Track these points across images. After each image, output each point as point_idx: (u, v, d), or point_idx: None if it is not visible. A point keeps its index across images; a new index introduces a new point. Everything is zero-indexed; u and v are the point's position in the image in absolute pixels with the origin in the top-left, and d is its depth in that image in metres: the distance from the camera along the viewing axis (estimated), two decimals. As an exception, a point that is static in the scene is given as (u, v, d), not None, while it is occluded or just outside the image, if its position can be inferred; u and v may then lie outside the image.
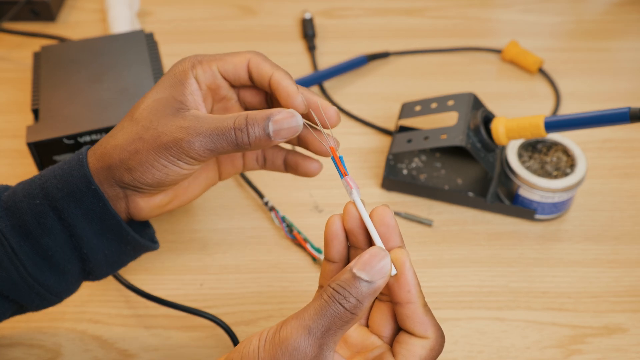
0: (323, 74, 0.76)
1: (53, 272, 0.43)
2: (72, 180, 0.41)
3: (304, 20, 0.86)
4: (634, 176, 0.67)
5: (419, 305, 0.37)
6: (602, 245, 0.61)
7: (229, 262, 0.59)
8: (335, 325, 0.34)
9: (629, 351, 0.53)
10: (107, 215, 0.42)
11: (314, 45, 0.83)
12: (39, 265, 0.42)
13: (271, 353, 0.34)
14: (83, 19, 0.89)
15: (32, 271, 0.42)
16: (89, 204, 0.41)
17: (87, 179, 0.41)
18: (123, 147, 0.41)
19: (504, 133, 0.59)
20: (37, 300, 0.43)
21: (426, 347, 0.36)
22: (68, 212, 0.41)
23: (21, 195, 0.42)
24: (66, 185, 0.41)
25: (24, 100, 0.74)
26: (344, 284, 0.35)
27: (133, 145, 0.41)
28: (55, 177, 0.42)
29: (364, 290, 0.34)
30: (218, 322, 0.51)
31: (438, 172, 0.66)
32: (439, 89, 0.76)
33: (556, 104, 0.76)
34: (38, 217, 0.41)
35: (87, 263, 0.44)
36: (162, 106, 0.41)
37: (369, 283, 0.34)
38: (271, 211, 0.62)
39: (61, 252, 0.42)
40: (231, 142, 0.40)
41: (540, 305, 0.56)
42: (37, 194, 0.42)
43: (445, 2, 0.92)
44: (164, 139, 0.40)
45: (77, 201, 0.41)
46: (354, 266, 0.35)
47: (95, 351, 0.52)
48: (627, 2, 0.92)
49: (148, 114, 0.41)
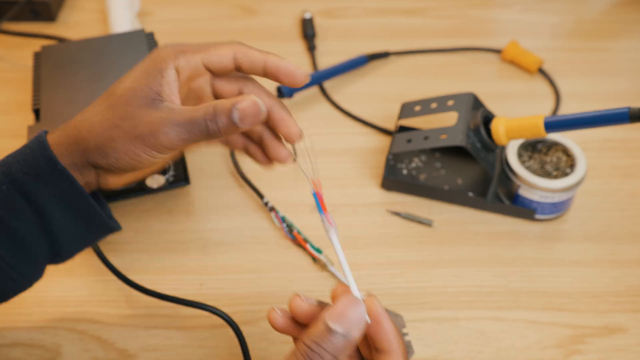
0: (323, 74, 0.76)
1: (24, 255, 0.43)
2: (37, 163, 0.42)
3: (304, 20, 0.86)
4: (634, 176, 0.67)
5: (400, 354, 0.36)
6: (602, 245, 0.61)
7: (229, 262, 0.59)
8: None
9: (629, 351, 0.53)
10: (75, 194, 0.43)
11: (314, 45, 0.83)
12: (9, 248, 0.43)
13: None
14: (83, 19, 0.89)
15: (3, 255, 0.42)
16: (56, 184, 0.42)
17: (53, 160, 0.42)
18: (98, 133, 0.42)
19: (504, 133, 0.59)
20: (9, 284, 0.44)
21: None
22: (36, 193, 0.42)
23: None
24: (32, 169, 0.42)
25: (25, 100, 0.74)
26: (318, 339, 0.34)
27: (109, 132, 0.41)
28: (19, 163, 0.42)
29: (340, 344, 0.33)
30: (222, 315, 0.51)
31: (438, 172, 0.66)
32: (439, 89, 0.75)
33: (556, 104, 0.76)
34: (6, 202, 0.42)
35: (55, 244, 0.44)
36: (138, 96, 0.42)
37: (344, 336, 0.33)
38: (271, 211, 0.62)
39: (30, 234, 0.43)
40: (203, 131, 0.41)
41: (540, 305, 0.56)
42: (2, 180, 0.42)
43: (445, 2, 0.92)
44: (140, 129, 0.41)
45: (45, 182, 0.42)
46: (327, 318, 0.34)
47: (95, 351, 0.52)
48: (627, 2, 0.92)
49: (124, 102, 0.42)
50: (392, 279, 0.58)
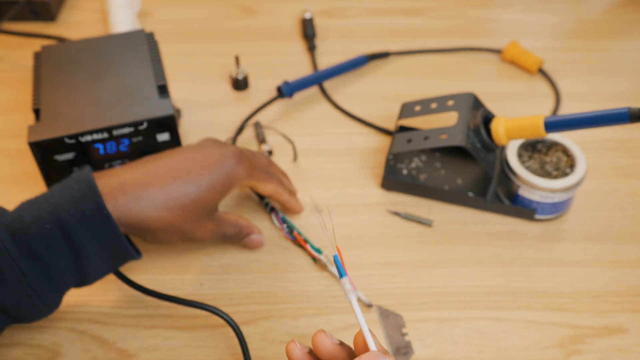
0: (323, 74, 0.76)
1: (53, 287, 0.46)
2: (85, 205, 0.45)
3: (304, 20, 0.86)
4: (634, 176, 0.67)
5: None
6: (602, 245, 0.61)
7: (229, 262, 0.59)
8: None
9: (629, 351, 0.53)
10: (114, 238, 0.46)
11: (314, 45, 0.83)
12: (44, 284, 0.45)
13: None
14: (83, 19, 0.89)
15: (38, 290, 0.45)
16: (99, 228, 0.45)
17: (100, 205, 0.45)
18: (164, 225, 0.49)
19: (504, 133, 0.59)
20: (34, 313, 0.46)
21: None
22: (78, 234, 0.44)
23: (29, 220, 0.44)
24: (78, 211, 0.45)
25: (25, 100, 0.74)
26: None
27: (171, 228, 0.49)
28: (67, 204, 0.45)
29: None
30: (222, 315, 0.51)
31: (438, 172, 0.66)
32: (439, 89, 0.75)
33: (556, 104, 0.76)
34: (47, 240, 0.44)
35: (84, 277, 0.47)
36: (207, 208, 0.51)
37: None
38: (271, 212, 0.62)
39: (65, 272, 0.46)
40: (227, 240, 0.57)
41: (540, 305, 0.56)
42: (47, 219, 0.44)
43: (445, 2, 0.92)
44: (194, 234, 0.52)
45: (89, 225, 0.45)
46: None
47: (95, 351, 0.52)
48: (627, 2, 0.92)
49: (194, 211, 0.50)
50: (392, 279, 0.58)
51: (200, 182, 0.50)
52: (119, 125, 0.56)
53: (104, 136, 0.56)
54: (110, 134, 0.56)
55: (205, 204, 0.50)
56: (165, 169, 0.49)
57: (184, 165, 0.50)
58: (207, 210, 0.51)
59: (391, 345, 0.53)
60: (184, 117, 0.73)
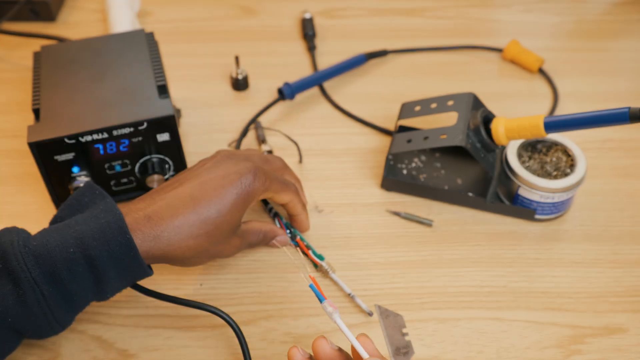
0: (323, 75, 0.76)
1: (71, 310, 0.47)
2: (110, 231, 0.46)
3: (304, 20, 0.85)
4: (634, 176, 0.67)
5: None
6: (602, 246, 0.61)
7: (228, 262, 0.59)
8: None
9: (629, 351, 0.53)
10: (134, 263, 0.47)
11: (314, 46, 0.83)
12: (62, 306, 0.46)
13: None
14: (83, 19, 0.89)
15: (56, 314, 0.45)
16: (120, 253, 0.46)
17: (123, 230, 0.46)
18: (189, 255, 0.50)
19: (504, 133, 0.59)
20: (47, 331, 0.47)
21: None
22: (101, 261, 0.45)
23: (54, 244, 0.45)
24: (103, 236, 0.45)
25: (25, 100, 0.74)
26: None
27: (198, 252, 0.50)
28: (91, 230, 0.46)
29: None
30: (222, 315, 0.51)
31: (438, 172, 0.66)
32: (439, 89, 0.76)
33: (554, 103, 0.76)
34: (70, 264, 0.44)
35: (101, 298, 0.48)
36: (231, 228, 0.52)
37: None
38: (274, 218, 0.61)
39: (84, 295, 0.46)
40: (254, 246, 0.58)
41: (540, 305, 0.56)
42: (72, 244, 0.45)
43: (445, 2, 0.92)
44: (220, 253, 0.53)
45: (111, 250, 0.45)
46: None
47: (95, 351, 0.52)
48: (627, 2, 0.92)
49: (220, 235, 0.51)
50: (392, 279, 0.58)
51: (221, 205, 0.50)
52: (119, 126, 0.56)
53: (104, 136, 0.56)
54: (110, 134, 0.56)
55: (228, 225, 0.51)
56: (186, 197, 0.50)
57: (204, 189, 0.50)
58: (231, 229, 0.52)
59: (391, 345, 0.53)
60: (184, 117, 0.73)
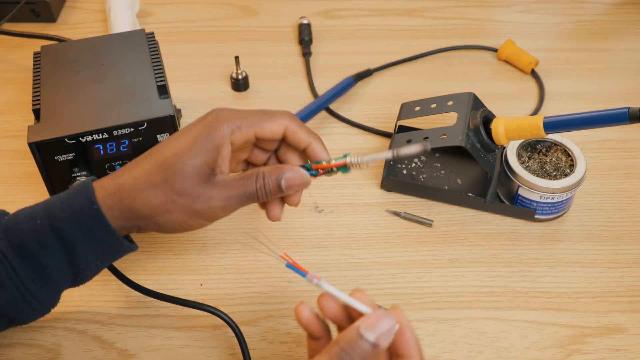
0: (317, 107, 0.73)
1: (48, 287, 0.45)
2: (77, 201, 0.44)
3: (301, 25, 0.85)
4: (634, 176, 0.67)
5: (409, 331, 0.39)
6: (601, 246, 0.61)
7: (228, 262, 0.59)
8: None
9: (628, 351, 0.53)
10: (107, 234, 0.44)
11: (310, 52, 0.82)
12: (37, 282, 0.44)
13: None
14: (83, 20, 0.89)
15: (30, 288, 0.44)
16: (90, 224, 0.44)
17: (91, 199, 0.43)
18: (155, 206, 0.44)
19: (504, 133, 0.59)
20: (31, 313, 0.46)
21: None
22: (69, 231, 0.43)
23: (22, 217, 0.44)
24: (70, 206, 0.44)
25: (25, 101, 0.75)
26: (350, 345, 0.37)
27: (166, 207, 0.44)
28: (60, 199, 0.44)
29: (369, 351, 0.36)
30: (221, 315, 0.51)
31: (438, 172, 0.66)
32: (439, 89, 0.76)
33: (538, 104, 0.75)
34: (38, 237, 0.43)
35: (79, 276, 0.46)
36: (195, 174, 0.44)
37: (374, 346, 0.37)
38: None
39: (58, 269, 0.45)
40: (254, 200, 0.45)
41: (540, 305, 0.56)
42: (40, 215, 0.44)
43: (445, 2, 0.92)
44: (198, 206, 0.44)
45: (78, 220, 0.43)
46: (360, 325, 0.37)
47: (95, 351, 0.52)
48: (627, 2, 0.92)
49: (182, 179, 0.43)
50: (392, 279, 0.58)
51: (177, 147, 0.44)
52: (119, 126, 0.56)
53: (104, 136, 0.56)
54: (110, 135, 0.56)
55: (190, 167, 0.43)
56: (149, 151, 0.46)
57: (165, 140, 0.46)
58: (197, 174, 0.43)
59: (391, 345, 0.53)
60: (184, 117, 0.73)
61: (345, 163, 0.45)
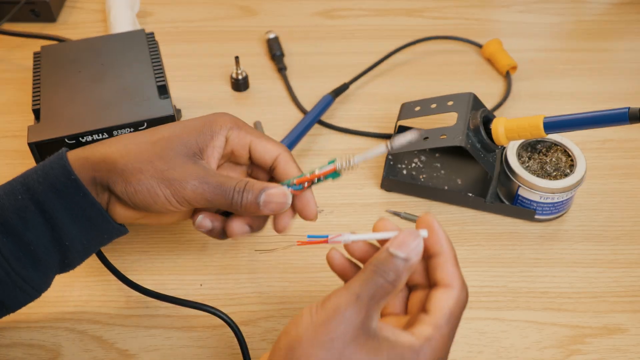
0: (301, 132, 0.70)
1: (35, 267, 0.44)
2: (53, 172, 0.43)
3: (269, 41, 0.82)
4: (634, 176, 0.67)
5: (450, 256, 0.41)
6: (601, 246, 0.61)
7: (228, 262, 0.59)
8: (378, 294, 0.38)
9: (628, 351, 0.53)
10: (87, 204, 0.43)
11: (285, 66, 0.80)
12: (22, 260, 0.43)
13: (324, 316, 0.37)
14: (83, 20, 0.89)
15: (15, 266, 0.43)
16: (69, 194, 0.43)
17: (67, 169, 0.43)
18: (131, 160, 0.43)
19: (504, 133, 0.59)
20: (19, 296, 0.44)
21: (452, 297, 0.40)
22: (49, 204, 0.42)
23: (2, 193, 0.43)
24: (47, 179, 0.43)
25: (25, 101, 0.75)
26: (383, 263, 0.38)
27: (140, 165, 0.43)
28: (35, 173, 0.43)
29: (401, 266, 0.38)
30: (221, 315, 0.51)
31: (438, 172, 0.66)
32: (439, 89, 0.76)
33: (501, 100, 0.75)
34: (19, 212, 0.42)
35: (66, 254, 0.45)
36: (182, 145, 0.44)
37: (405, 261, 0.39)
38: None
39: (43, 246, 0.43)
40: (227, 200, 0.43)
41: (540, 306, 0.56)
42: (19, 190, 0.43)
43: (445, 2, 0.92)
44: (171, 173, 0.43)
45: (58, 192, 0.42)
46: (390, 246, 0.39)
47: (95, 351, 0.52)
48: (627, 2, 0.92)
49: (167, 145, 0.43)
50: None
51: (176, 126, 0.45)
52: (119, 126, 0.56)
53: (104, 136, 0.56)
54: (110, 135, 0.56)
55: (180, 141, 0.44)
56: None
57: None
58: (184, 149, 0.44)
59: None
60: (184, 117, 0.73)
61: (334, 169, 0.44)
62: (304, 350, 0.36)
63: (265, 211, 0.44)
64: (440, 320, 0.39)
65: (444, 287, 0.40)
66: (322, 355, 0.36)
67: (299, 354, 0.36)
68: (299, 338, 0.37)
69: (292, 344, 0.37)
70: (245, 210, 0.44)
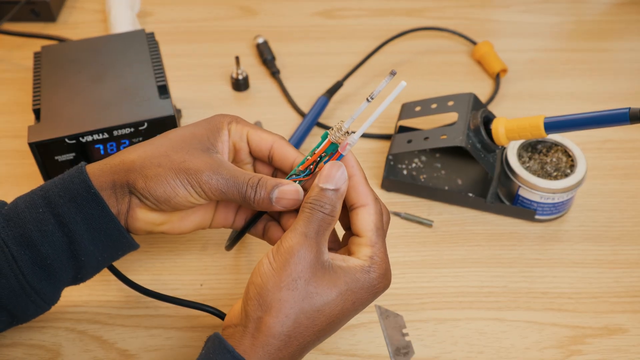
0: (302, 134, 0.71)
1: (49, 280, 0.45)
2: (73, 187, 0.44)
3: (259, 45, 0.82)
4: (634, 177, 0.67)
5: (361, 177, 0.44)
6: (602, 246, 0.61)
7: (229, 262, 0.59)
8: (322, 227, 0.42)
9: (629, 352, 0.53)
10: (105, 218, 0.44)
11: (278, 70, 0.80)
12: (37, 273, 0.44)
13: (281, 261, 0.41)
14: (83, 20, 0.89)
15: (30, 279, 0.44)
16: (89, 208, 0.44)
17: (87, 183, 0.44)
18: (149, 157, 0.44)
19: (504, 133, 0.59)
20: (31, 308, 0.45)
21: (372, 213, 0.44)
22: (69, 217, 0.43)
23: (23, 206, 0.44)
24: (67, 192, 0.44)
25: (25, 101, 0.75)
26: (316, 199, 0.42)
27: (158, 160, 0.44)
28: (56, 187, 0.44)
29: (333, 197, 0.42)
30: (221, 315, 0.51)
31: (438, 172, 0.66)
32: (439, 89, 0.76)
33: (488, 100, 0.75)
34: (40, 225, 0.43)
35: (80, 269, 0.46)
36: (196, 140, 0.46)
37: (336, 191, 0.42)
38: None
39: (59, 260, 0.44)
40: (240, 194, 0.45)
41: (540, 306, 0.56)
42: (40, 203, 0.44)
43: (445, 2, 0.92)
44: (188, 164, 0.44)
45: (78, 205, 0.43)
46: (319, 182, 0.43)
47: (95, 351, 0.52)
48: (627, 2, 0.92)
49: (182, 140, 0.45)
50: (392, 279, 0.58)
51: (183, 127, 0.48)
52: (120, 126, 0.56)
53: (105, 136, 0.56)
54: (110, 135, 0.56)
55: (192, 136, 0.46)
56: None
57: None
58: (198, 142, 0.46)
59: (391, 345, 0.53)
60: (184, 117, 0.73)
61: (330, 142, 0.45)
62: (273, 295, 0.40)
63: (278, 207, 0.45)
64: (372, 237, 0.43)
65: (361, 207, 0.44)
66: (289, 295, 0.40)
67: (269, 299, 0.40)
68: (265, 285, 0.41)
69: (261, 292, 0.41)
70: (257, 206, 0.45)
